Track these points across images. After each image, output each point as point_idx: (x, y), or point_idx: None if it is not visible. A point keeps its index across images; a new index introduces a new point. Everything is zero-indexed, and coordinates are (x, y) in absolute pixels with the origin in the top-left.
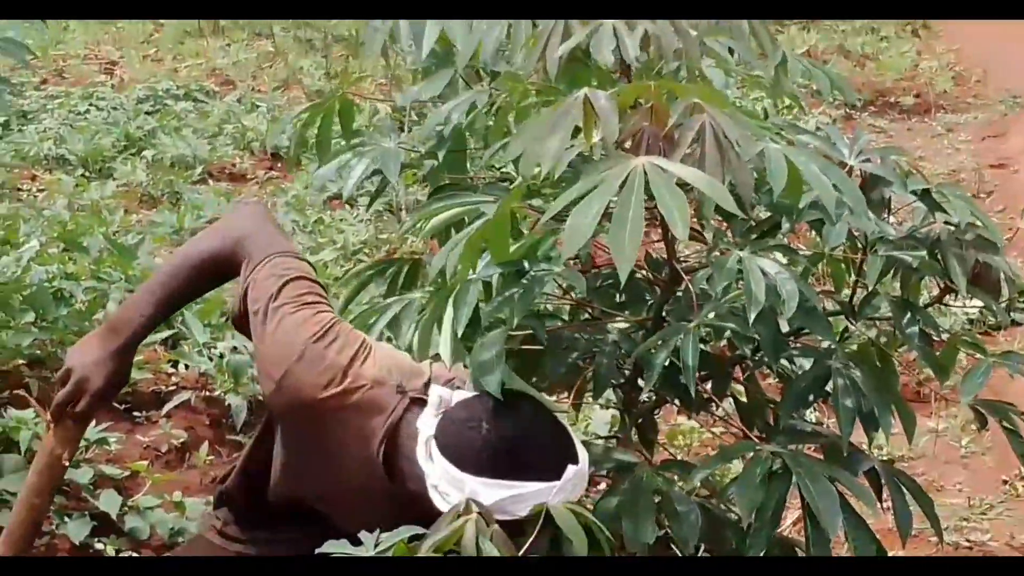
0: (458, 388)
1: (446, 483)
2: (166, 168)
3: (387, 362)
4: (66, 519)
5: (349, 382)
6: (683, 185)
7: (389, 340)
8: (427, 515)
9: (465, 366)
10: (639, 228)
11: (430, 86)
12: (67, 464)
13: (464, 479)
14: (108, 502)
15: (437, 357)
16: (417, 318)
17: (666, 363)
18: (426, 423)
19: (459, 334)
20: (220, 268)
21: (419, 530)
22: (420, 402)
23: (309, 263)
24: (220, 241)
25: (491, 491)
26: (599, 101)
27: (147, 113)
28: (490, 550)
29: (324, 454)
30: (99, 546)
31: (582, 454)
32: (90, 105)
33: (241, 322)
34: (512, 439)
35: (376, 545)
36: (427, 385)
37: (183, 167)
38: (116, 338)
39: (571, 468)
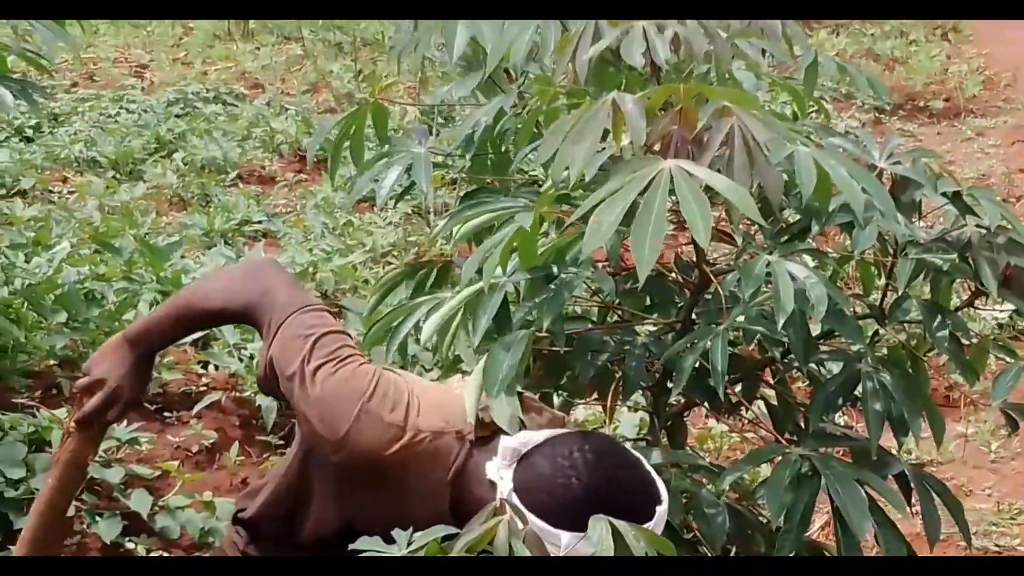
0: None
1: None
2: (196, 170)
3: (438, 406)
4: (97, 518)
5: (410, 437)
6: (711, 189)
7: (417, 342)
8: None
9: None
10: (661, 230)
11: (461, 86)
12: (89, 466)
13: (560, 535)
14: (139, 502)
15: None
16: (441, 321)
17: (695, 366)
18: (499, 474)
19: (476, 344)
20: (234, 320)
21: (452, 529)
22: (480, 440)
23: (329, 311)
24: (237, 300)
25: (588, 545)
26: (626, 105)
27: (177, 116)
28: (522, 551)
29: (388, 505)
30: (130, 545)
31: (662, 490)
32: (120, 108)
33: (268, 384)
34: (604, 492)
35: (408, 544)
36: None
37: (213, 170)
38: (140, 349)
39: (659, 509)
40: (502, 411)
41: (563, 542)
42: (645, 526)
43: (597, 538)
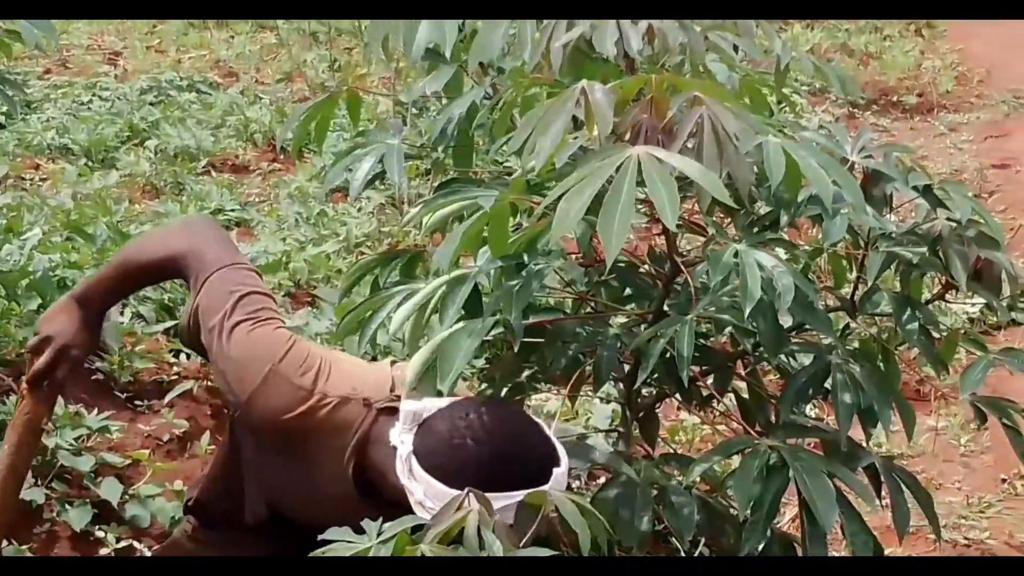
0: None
1: (434, 499)
2: (169, 159)
3: (350, 376)
4: (67, 507)
5: (316, 400)
6: (682, 178)
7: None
8: None
9: None
10: (628, 216)
11: (434, 81)
12: (45, 429)
13: (454, 495)
14: (109, 490)
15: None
16: (411, 311)
17: (665, 355)
18: (401, 439)
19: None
20: (168, 274)
21: (422, 520)
22: (388, 411)
23: (258, 273)
24: (172, 251)
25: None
26: (595, 94)
27: (151, 104)
28: (492, 541)
29: (295, 470)
30: (100, 534)
31: (562, 454)
32: (93, 95)
33: (190, 336)
34: (498, 451)
35: (379, 535)
36: (392, 391)
37: (186, 158)
38: (86, 308)
39: (556, 471)
40: (413, 368)
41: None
42: (542, 488)
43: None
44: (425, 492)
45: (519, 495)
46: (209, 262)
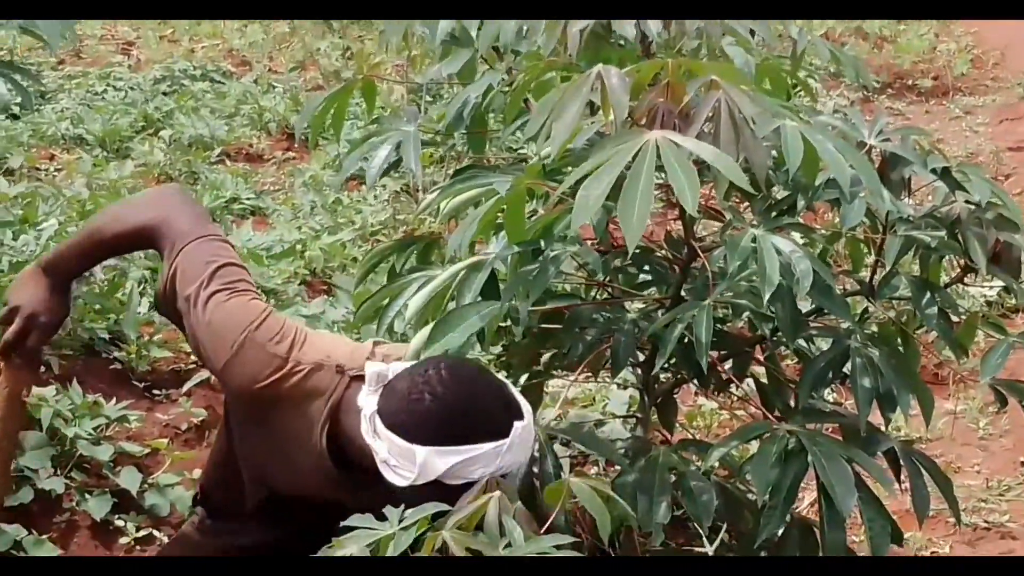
0: (396, 361)
1: (396, 456)
2: (184, 148)
3: (324, 346)
4: (87, 496)
5: (290, 368)
6: (699, 163)
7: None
8: (382, 497)
9: None
10: (648, 201)
11: (450, 65)
12: (27, 400)
13: (414, 450)
14: (128, 479)
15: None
16: (427, 299)
17: (683, 340)
18: (366, 400)
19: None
20: (143, 243)
21: (444, 507)
22: (361, 379)
23: (233, 245)
24: (145, 220)
25: (443, 458)
26: (611, 78)
27: (164, 94)
28: (513, 528)
29: (274, 442)
30: (119, 523)
31: (526, 409)
32: (107, 85)
33: (165, 303)
34: (456, 404)
35: (401, 521)
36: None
37: (201, 147)
38: (54, 276)
39: (517, 424)
40: (418, 338)
41: (418, 458)
42: (501, 442)
43: (420, 462)
44: (389, 450)
45: (479, 448)
46: (184, 232)
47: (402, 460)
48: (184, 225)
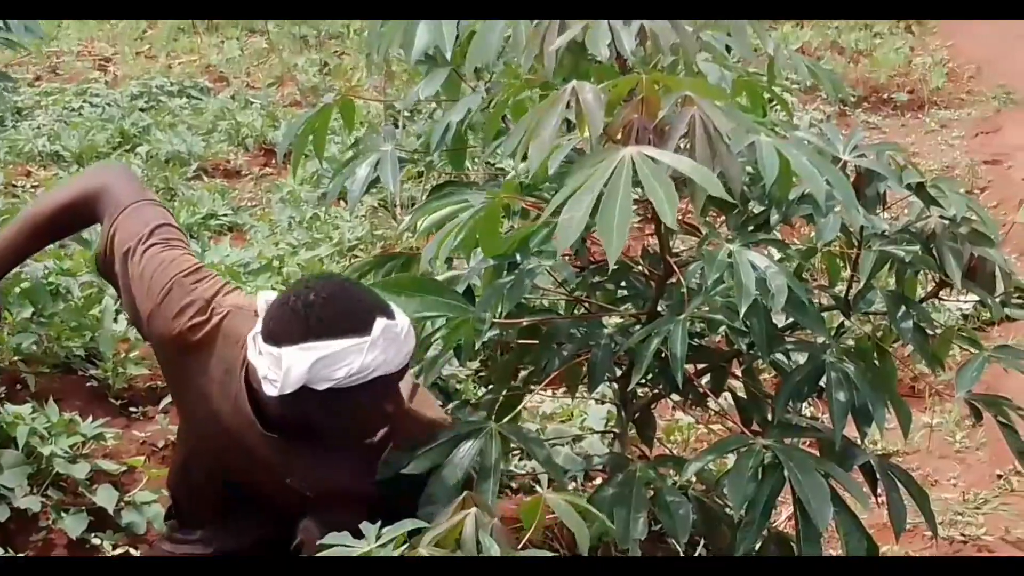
0: None
1: (270, 367)
2: (161, 164)
3: (249, 297)
4: (63, 514)
5: (209, 311)
6: (675, 178)
7: None
8: (303, 458)
9: None
10: (626, 217)
11: (427, 86)
12: None
13: (280, 353)
14: (105, 497)
15: None
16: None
17: (660, 355)
18: (255, 327)
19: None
20: (84, 213)
21: (421, 524)
22: None
23: (170, 211)
24: (85, 188)
25: (303, 355)
26: (585, 94)
27: (141, 110)
28: (490, 544)
29: (201, 395)
30: (96, 541)
31: (398, 312)
32: (84, 101)
33: (105, 264)
34: (317, 302)
35: (377, 538)
36: None
37: (178, 163)
38: None
39: (381, 321)
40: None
41: (284, 361)
42: (362, 339)
43: (285, 365)
44: (266, 364)
45: (339, 344)
46: (125, 197)
47: (273, 368)
48: (123, 192)
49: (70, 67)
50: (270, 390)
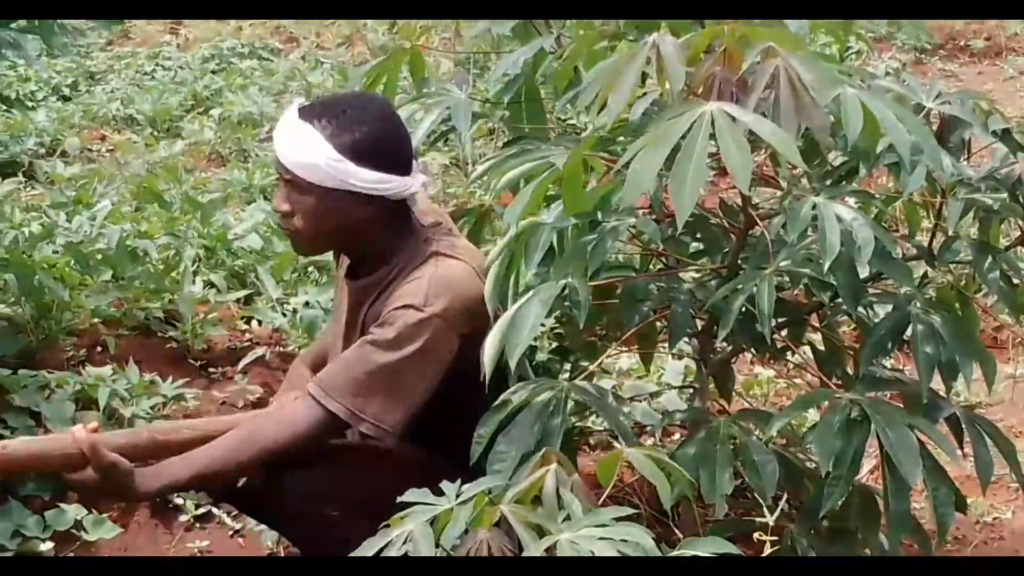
0: None
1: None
2: (233, 126)
3: None
4: None
5: None
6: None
7: None
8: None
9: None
10: (700, 176)
11: (500, 26)
12: None
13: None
14: None
15: None
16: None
17: (741, 311)
18: None
19: (525, 282)
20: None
21: (499, 482)
22: None
23: None
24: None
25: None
26: (666, 47)
27: (213, 72)
28: (571, 500)
29: None
30: (179, 501)
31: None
32: (156, 65)
33: None
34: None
35: (457, 496)
36: None
37: (250, 125)
38: None
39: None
40: (489, 351)
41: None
42: None
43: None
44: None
45: None
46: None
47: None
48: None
49: (142, 31)
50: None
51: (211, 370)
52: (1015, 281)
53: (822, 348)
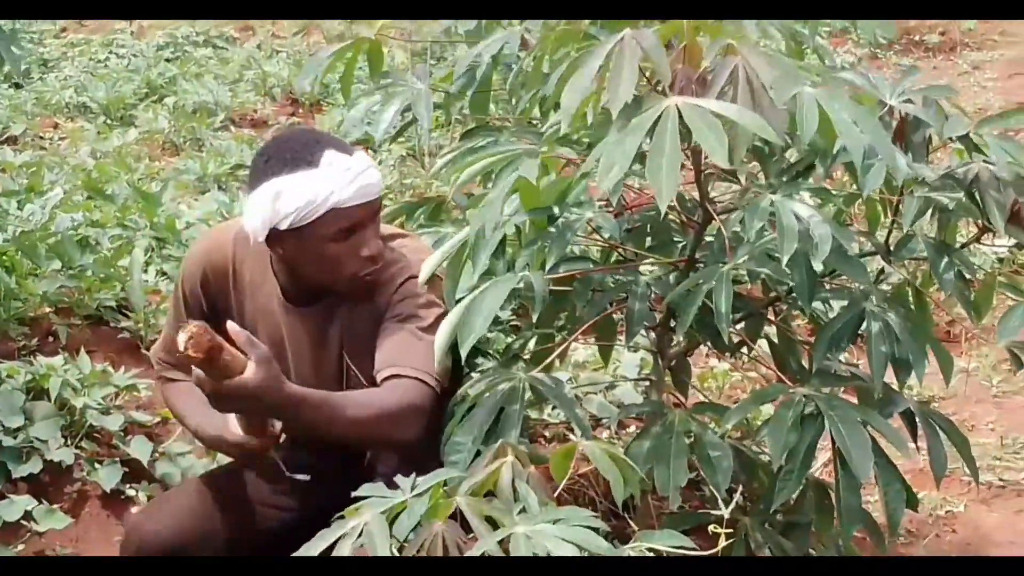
0: None
1: (247, 217)
2: (188, 115)
3: None
4: (97, 466)
5: None
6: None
7: None
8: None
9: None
10: (676, 163)
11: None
12: None
13: (249, 198)
14: (139, 449)
15: None
16: (442, 260)
17: (699, 307)
18: None
19: (475, 281)
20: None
21: (456, 474)
22: None
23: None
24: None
25: (262, 194)
26: (646, 41)
27: (167, 60)
28: (526, 493)
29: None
30: (131, 492)
31: (356, 153)
32: (110, 53)
33: None
34: (268, 147)
35: (412, 488)
36: None
37: (205, 114)
38: None
39: (329, 153)
40: (440, 344)
41: (250, 204)
42: (312, 170)
43: (249, 208)
44: (246, 215)
45: (290, 176)
46: None
47: (248, 217)
48: None
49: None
50: (252, 239)
51: None
52: (968, 277)
53: (777, 342)
